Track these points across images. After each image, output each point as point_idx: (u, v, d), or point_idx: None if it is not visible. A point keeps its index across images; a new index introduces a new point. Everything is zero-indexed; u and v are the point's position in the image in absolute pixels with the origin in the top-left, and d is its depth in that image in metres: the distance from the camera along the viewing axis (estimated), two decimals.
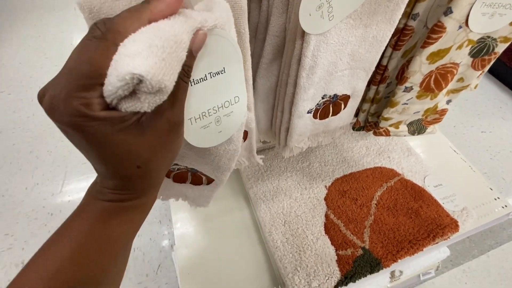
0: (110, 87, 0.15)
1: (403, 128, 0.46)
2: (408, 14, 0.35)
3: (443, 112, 0.45)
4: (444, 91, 0.41)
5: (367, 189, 0.59)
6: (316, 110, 0.40)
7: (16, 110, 1.43)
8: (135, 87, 0.15)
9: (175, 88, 0.17)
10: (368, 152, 0.67)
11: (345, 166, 0.63)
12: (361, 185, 0.59)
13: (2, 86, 1.53)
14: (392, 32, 0.32)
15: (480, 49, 0.36)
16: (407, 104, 0.42)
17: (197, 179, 0.36)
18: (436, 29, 0.33)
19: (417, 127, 0.46)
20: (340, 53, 0.32)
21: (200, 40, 0.18)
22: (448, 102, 0.44)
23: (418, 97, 0.40)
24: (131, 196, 0.20)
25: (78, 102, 0.15)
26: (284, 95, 0.38)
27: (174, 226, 0.58)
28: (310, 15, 0.26)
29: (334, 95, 0.38)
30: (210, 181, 0.36)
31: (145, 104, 0.16)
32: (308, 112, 0.39)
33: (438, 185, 0.61)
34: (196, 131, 0.24)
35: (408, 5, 0.35)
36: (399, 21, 0.36)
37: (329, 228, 0.53)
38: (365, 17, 0.29)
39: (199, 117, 0.23)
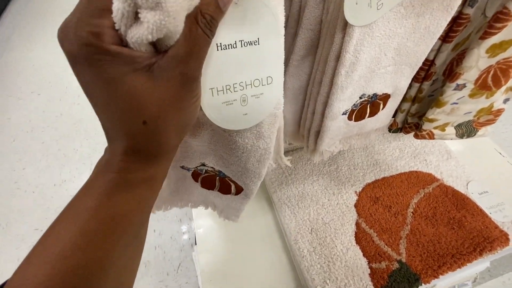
0: (115, 3, 0.14)
1: (450, 130, 0.41)
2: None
3: (499, 112, 0.39)
4: (503, 88, 0.35)
5: (402, 196, 0.54)
6: (352, 111, 0.36)
7: (46, 109, 1.49)
8: (137, 3, 0.14)
9: (193, 37, 0.16)
10: (402, 154, 0.61)
11: (376, 170, 0.59)
12: (395, 191, 0.55)
13: (33, 86, 1.61)
14: (448, 22, 0.28)
15: None
16: (457, 104, 0.37)
17: (226, 186, 0.34)
18: (501, 17, 0.28)
19: (466, 130, 0.41)
20: (385, 47, 0.28)
21: None
22: (506, 101, 0.38)
23: (471, 95, 0.35)
24: (139, 166, 0.18)
25: (88, 29, 0.14)
26: (316, 95, 0.34)
27: (196, 229, 0.56)
28: (356, 3, 0.22)
29: (374, 94, 0.34)
30: (239, 190, 0.33)
31: (148, 28, 0.14)
32: (343, 114, 0.36)
33: (483, 193, 0.55)
34: (217, 106, 0.21)
35: None
36: None
37: (361, 238, 0.49)
38: (418, 5, 0.25)
39: (222, 90, 0.21)
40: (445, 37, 0.33)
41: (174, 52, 0.15)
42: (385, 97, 0.36)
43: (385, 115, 0.40)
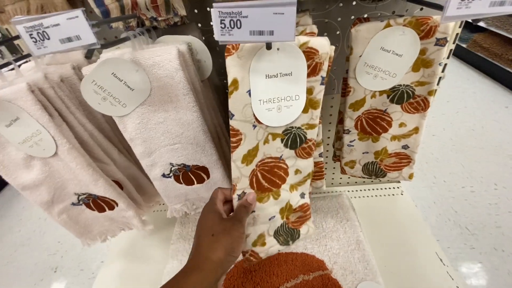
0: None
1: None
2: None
3: (303, 208, 0.40)
4: (283, 191, 0.38)
5: (276, 276, 0.52)
6: (176, 176, 0.45)
7: None
8: None
9: (241, 213, 0.35)
10: None
11: None
12: (272, 270, 0.53)
13: None
14: (199, 116, 0.37)
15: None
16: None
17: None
18: (232, 133, 0.33)
19: (283, 233, 0.42)
20: (155, 130, 0.38)
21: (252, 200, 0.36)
22: (303, 195, 0.40)
23: (259, 200, 0.39)
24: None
25: (215, 204, 0.36)
26: None
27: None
28: (99, 104, 0.35)
29: (183, 164, 0.43)
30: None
31: None
32: (164, 176, 0.45)
33: None
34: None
35: None
36: None
37: None
38: (160, 104, 0.36)
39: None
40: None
41: (234, 216, 0.34)
42: (202, 168, 0.44)
43: (216, 184, 0.46)
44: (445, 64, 0.49)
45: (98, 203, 0.48)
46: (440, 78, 0.49)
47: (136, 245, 0.68)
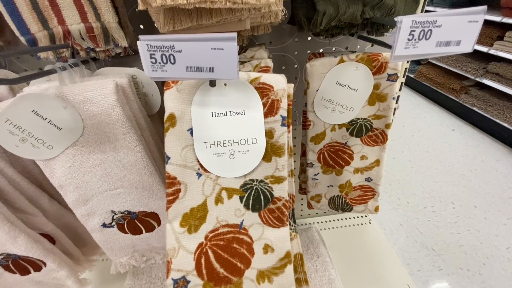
0: None
1: None
2: None
3: None
4: (248, 282, 0.33)
5: None
6: (120, 225, 0.38)
7: None
8: None
9: None
10: None
11: None
12: None
13: None
14: (143, 156, 0.32)
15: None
16: None
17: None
18: (168, 181, 0.28)
19: None
20: (91, 174, 0.33)
21: None
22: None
23: None
24: None
25: None
26: None
27: None
28: (17, 146, 0.29)
29: (127, 211, 0.37)
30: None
31: None
32: (106, 226, 0.38)
33: None
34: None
35: None
36: None
37: None
38: (96, 145, 0.31)
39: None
40: None
41: None
42: (151, 215, 0.38)
43: None
44: (398, 96, 0.51)
45: (20, 264, 0.39)
46: (395, 109, 0.50)
47: None
